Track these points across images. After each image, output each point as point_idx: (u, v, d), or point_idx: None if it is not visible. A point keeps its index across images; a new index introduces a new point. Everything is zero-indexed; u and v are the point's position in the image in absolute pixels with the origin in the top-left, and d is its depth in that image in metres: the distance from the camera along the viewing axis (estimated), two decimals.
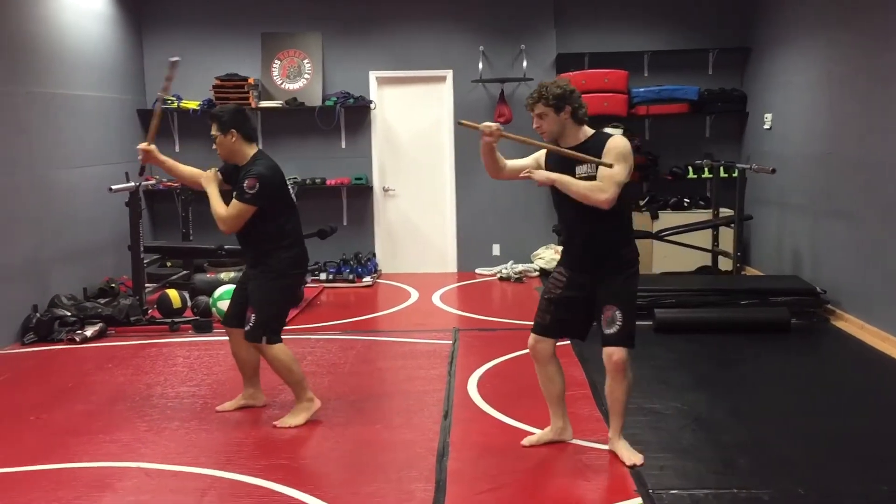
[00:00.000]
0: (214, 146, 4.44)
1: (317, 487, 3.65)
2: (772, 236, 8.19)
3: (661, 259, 8.48)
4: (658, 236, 8.01)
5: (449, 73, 8.89)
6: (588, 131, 3.80)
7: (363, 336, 6.38)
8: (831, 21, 6.89)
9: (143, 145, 4.54)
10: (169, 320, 6.63)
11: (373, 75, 8.90)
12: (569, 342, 5.98)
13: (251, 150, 4.43)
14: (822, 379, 5.22)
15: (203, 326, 6.54)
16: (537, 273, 8.69)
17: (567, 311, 3.91)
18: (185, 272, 7.89)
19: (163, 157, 4.56)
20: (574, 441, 4.11)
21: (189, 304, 7.00)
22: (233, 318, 4.58)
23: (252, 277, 4.45)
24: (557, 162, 3.81)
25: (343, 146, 8.95)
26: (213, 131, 4.39)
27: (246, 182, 4.29)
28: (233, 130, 4.35)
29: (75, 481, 3.76)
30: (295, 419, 4.43)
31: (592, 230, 3.77)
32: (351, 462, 3.96)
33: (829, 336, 6.23)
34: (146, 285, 7.06)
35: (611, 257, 3.78)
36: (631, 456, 3.82)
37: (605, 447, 4.01)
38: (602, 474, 3.75)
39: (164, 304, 6.87)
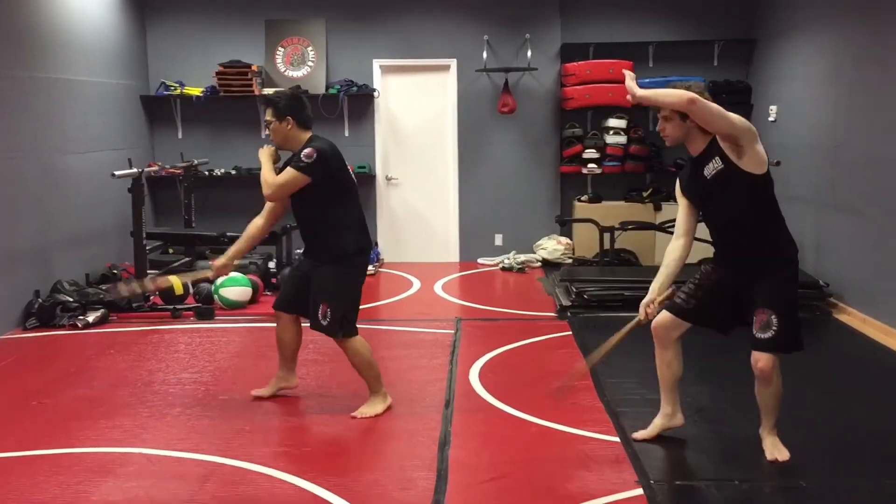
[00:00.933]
0: (267, 132, 4.34)
1: (318, 475, 3.65)
2: None
3: (663, 250, 8.41)
4: (661, 228, 7.98)
5: (453, 62, 8.86)
6: (707, 135, 3.67)
7: (365, 325, 6.31)
8: (838, 13, 6.85)
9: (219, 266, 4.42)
10: (171, 307, 6.63)
11: (377, 63, 8.87)
12: (570, 332, 6.00)
13: (306, 137, 4.31)
14: (824, 373, 5.20)
15: (205, 313, 6.54)
16: (539, 263, 8.68)
17: (715, 303, 3.79)
18: (187, 259, 7.89)
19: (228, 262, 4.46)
20: (576, 431, 4.11)
21: (191, 291, 7.00)
22: (285, 304, 4.48)
23: (317, 267, 4.30)
24: (691, 179, 3.78)
25: (346, 134, 8.92)
26: (268, 117, 4.28)
27: (304, 151, 4.15)
28: (289, 117, 4.24)
29: (77, 466, 3.77)
30: (373, 409, 4.37)
31: (744, 230, 3.68)
32: (353, 450, 3.97)
33: (832, 330, 6.22)
34: (148, 272, 7.05)
35: (767, 255, 3.67)
36: (773, 451, 3.74)
37: (607, 438, 4.01)
38: (604, 465, 3.75)
39: (166, 291, 6.86)
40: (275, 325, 4.60)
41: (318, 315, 4.25)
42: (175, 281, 6.86)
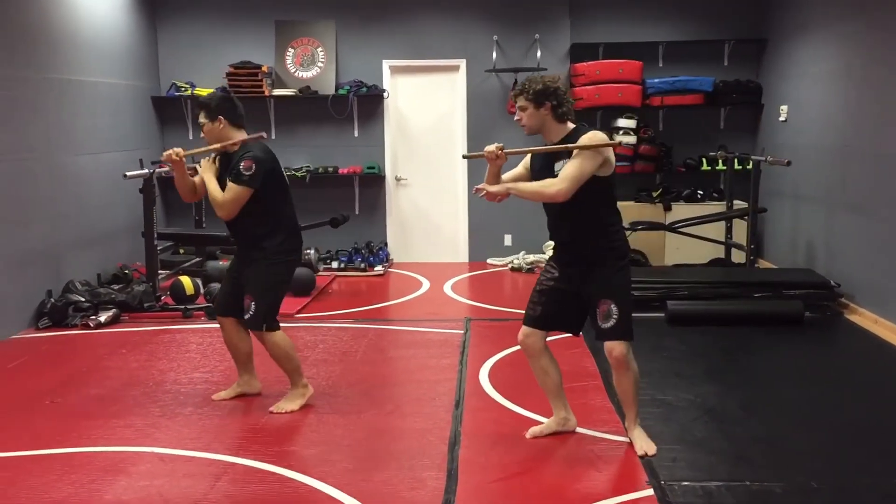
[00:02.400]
0: (202, 134, 4.43)
1: (329, 474, 3.66)
2: (786, 229, 8.15)
3: (673, 251, 8.46)
4: (671, 228, 7.97)
5: (462, 63, 8.87)
6: (570, 127, 3.78)
7: (375, 325, 6.39)
8: (849, 12, 6.83)
9: (176, 153, 4.39)
10: (182, 307, 6.66)
11: (386, 64, 8.89)
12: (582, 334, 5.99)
13: (239, 136, 4.38)
14: (834, 372, 5.19)
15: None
16: None
17: (558, 304, 3.90)
18: (197, 259, 7.92)
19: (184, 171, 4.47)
20: (586, 431, 4.11)
21: (202, 290, 7.02)
22: (224, 307, 4.56)
23: (247, 264, 4.40)
24: (540, 162, 3.88)
25: (356, 135, 8.95)
26: (201, 119, 4.38)
27: (242, 164, 4.23)
28: (220, 117, 4.33)
29: (90, 465, 3.79)
30: (290, 404, 4.46)
31: (573, 226, 3.80)
32: (363, 450, 3.98)
33: (843, 330, 6.20)
34: (159, 272, 7.09)
35: (597, 251, 3.78)
36: (643, 445, 3.83)
37: (617, 438, 4.01)
38: (614, 465, 3.75)
39: (177, 291, 6.89)
40: (286, 325, 4.64)
41: (245, 308, 4.36)
42: (186, 281, 6.91)
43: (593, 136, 3.69)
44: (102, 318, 6.33)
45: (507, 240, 9.07)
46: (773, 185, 8.26)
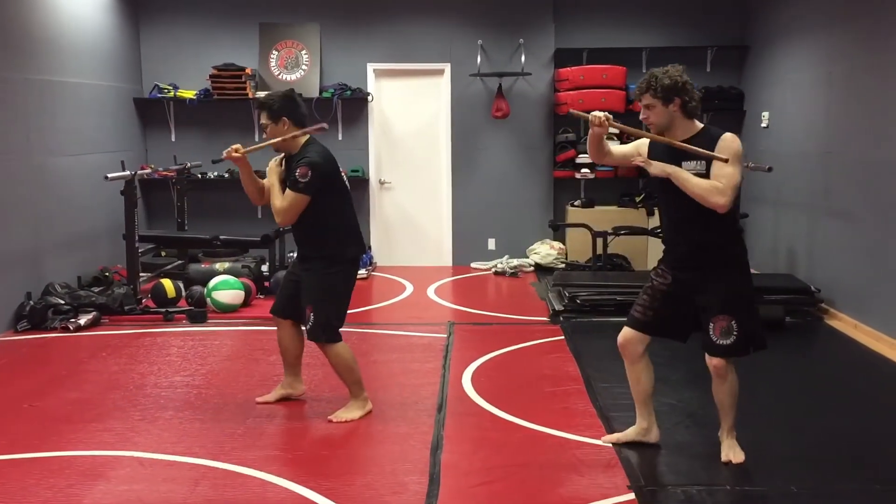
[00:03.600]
0: (265, 135, 4.31)
1: (310, 478, 3.65)
2: (767, 235, 8.20)
3: (656, 256, 8.39)
4: (653, 233, 8.00)
5: (447, 67, 8.88)
6: (698, 125, 3.60)
7: (358, 328, 6.37)
8: (830, 20, 6.89)
9: (235, 149, 4.25)
10: (163, 310, 6.62)
11: (371, 67, 8.88)
12: (563, 337, 6.01)
13: (304, 137, 4.29)
14: (815, 378, 5.22)
15: (197, 317, 6.53)
16: (532, 268, 8.69)
17: (671, 310, 3.73)
18: (179, 262, 7.88)
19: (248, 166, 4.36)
20: (568, 436, 4.11)
21: (184, 294, 6.98)
22: (281, 309, 4.49)
23: (306, 270, 4.30)
24: (662, 154, 3.62)
25: (340, 138, 8.93)
26: (263, 120, 4.23)
27: (298, 171, 4.12)
28: (284, 118, 4.20)
29: (68, 469, 3.75)
30: (350, 414, 4.37)
31: (700, 232, 3.59)
32: (345, 454, 3.96)
33: (823, 335, 6.24)
34: (141, 274, 7.04)
35: (718, 257, 3.60)
36: (728, 453, 3.76)
37: (599, 442, 4.02)
38: (596, 469, 3.75)
39: (158, 294, 6.85)
40: (269, 328, 4.60)
41: (305, 318, 4.28)
42: (168, 283, 6.87)
43: (733, 140, 3.50)
44: (82, 320, 6.28)
45: (491, 244, 9.08)
46: (754, 190, 8.31)
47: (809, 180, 7.19)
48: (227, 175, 8.72)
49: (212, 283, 6.74)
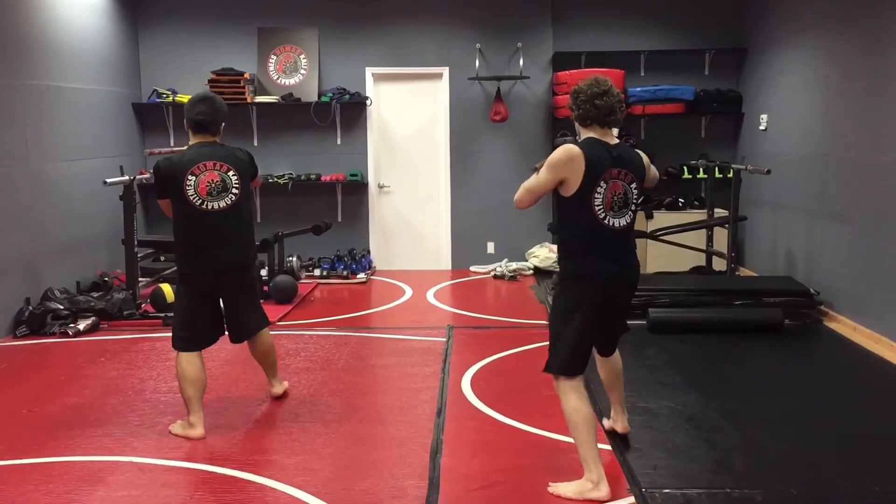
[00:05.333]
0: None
1: (309, 483, 3.64)
2: (766, 237, 8.21)
3: (655, 259, 8.49)
4: (652, 236, 8.01)
5: (445, 71, 8.89)
6: (584, 136, 3.66)
7: (357, 332, 6.37)
8: (828, 23, 6.90)
9: None
10: (162, 315, 6.61)
11: (369, 71, 8.89)
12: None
13: (192, 142, 4.36)
14: (814, 380, 5.23)
15: None
16: (531, 271, 8.69)
17: None
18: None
19: None
20: (567, 439, 4.10)
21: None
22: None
23: None
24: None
25: (339, 142, 8.94)
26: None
27: None
28: (185, 121, 4.38)
29: (67, 475, 3.75)
30: (175, 428, 4.29)
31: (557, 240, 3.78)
32: (344, 458, 3.96)
33: (822, 337, 6.24)
34: (140, 279, 7.03)
35: (560, 266, 3.69)
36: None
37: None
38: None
39: (157, 299, 6.84)
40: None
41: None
42: (167, 288, 6.87)
43: (555, 152, 3.58)
44: (81, 326, 6.27)
45: (490, 247, 9.08)
46: (753, 193, 8.32)
47: (807, 183, 7.20)
48: None
49: None
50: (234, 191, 4.26)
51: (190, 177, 4.18)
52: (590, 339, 3.60)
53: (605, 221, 3.50)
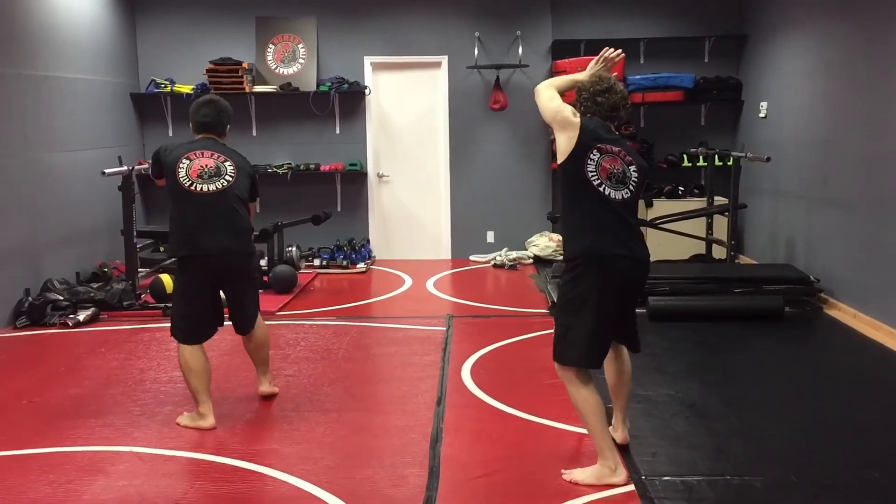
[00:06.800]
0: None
1: (310, 472, 3.65)
2: (766, 225, 8.20)
3: (654, 247, 8.33)
4: (652, 224, 8.00)
5: (444, 59, 8.86)
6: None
7: (357, 322, 6.37)
8: (829, 9, 6.87)
9: None
10: (162, 305, 6.61)
11: (368, 60, 8.86)
12: None
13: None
14: (814, 367, 5.23)
15: None
16: (531, 260, 8.69)
17: None
18: None
19: None
20: (567, 427, 4.11)
21: None
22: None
23: None
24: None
25: (337, 132, 8.92)
26: None
27: None
28: (191, 124, 4.45)
29: (68, 465, 3.75)
30: (184, 420, 4.28)
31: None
32: (344, 447, 3.96)
33: (823, 325, 6.24)
34: (139, 270, 7.03)
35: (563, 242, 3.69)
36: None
37: None
38: (595, 460, 3.74)
39: (157, 289, 6.84)
40: (268, 322, 4.68)
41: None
42: (166, 279, 6.87)
43: None
44: (81, 316, 6.27)
45: (490, 236, 9.07)
46: (753, 181, 8.30)
47: (808, 170, 7.18)
48: None
49: None
50: (228, 178, 4.24)
51: (184, 160, 4.23)
52: (606, 328, 3.51)
53: (602, 190, 3.47)
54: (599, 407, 3.50)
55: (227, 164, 4.29)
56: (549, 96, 3.72)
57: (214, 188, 4.20)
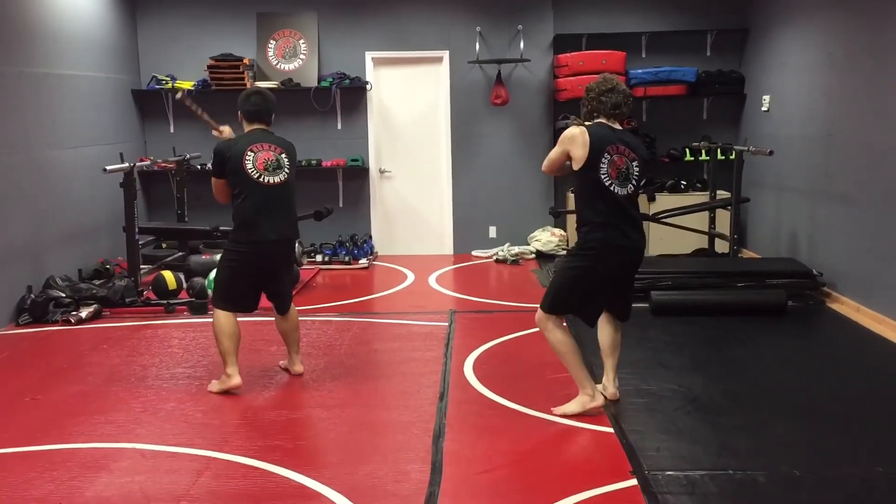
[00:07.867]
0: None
1: (313, 468, 3.65)
2: (769, 219, 8.18)
3: (657, 241, 8.47)
4: (655, 218, 7.98)
5: (446, 54, 8.84)
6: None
7: (359, 318, 6.37)
8: (831, 2, 6.84)
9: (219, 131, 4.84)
10: (164, 302, 6.61)
11: (369, 56, 8.84)
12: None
13: (247, 129, 4.71)
14: (817, 361, 5.22)
15: (199, 308, 6.52)
16: (534, 255, 8.68)
17: None
18: (180, 253, 7.86)
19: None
20: (570, 422, 4.11)
21: (184, 285, 6.98)
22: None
23: None
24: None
25: (339, 127, 8.91)
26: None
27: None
28: (239, 113, 4.70)
29: (71, 462, 3.76)
30: (220, 384, 4.65)
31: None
32: (347, 443, 3.96)
33: (826, 318, 6.23)
34: (141, 267, 7.03)
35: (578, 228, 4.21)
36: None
37: (602, 428, 4.02)
38: (598, 456, 3.75)
39: (159, 286, 6.85)
40: (270, 319, 4.82)
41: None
42: (168, 275, 6.87)
43: (563, 133, 4.14)
44: (83, 313, 6.27)
45: (492, 232, 9.06)
46: (756, 175, 8.28)
47: (811, 164, 7.16)
48: None
49: (213, 274, 6.70)
50: (287, 170, 4.65)
51: (249, 153, 4.54)
52: (592, 296, 4.14)
53: (612, 189, 4.01)
54: (573, 346, 4.13)
55: (283, 156, 4.65)
56: (549, 158, 4.20)
57: (278, 180, 4.60)
